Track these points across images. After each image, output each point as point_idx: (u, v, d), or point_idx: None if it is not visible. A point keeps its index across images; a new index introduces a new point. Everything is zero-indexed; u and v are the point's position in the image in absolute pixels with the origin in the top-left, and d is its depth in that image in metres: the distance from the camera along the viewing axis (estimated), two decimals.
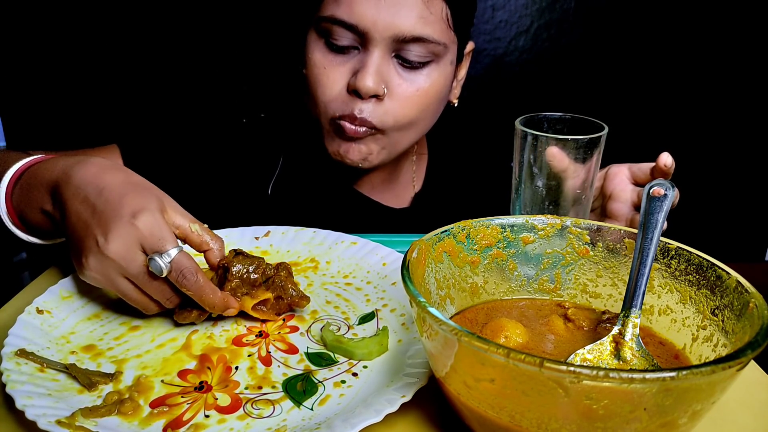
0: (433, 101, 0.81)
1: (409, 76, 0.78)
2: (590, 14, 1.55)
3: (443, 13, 0.76)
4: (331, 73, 0.78)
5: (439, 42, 0.77)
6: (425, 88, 0.79)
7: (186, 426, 0.46)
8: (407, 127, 0.81)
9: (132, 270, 0.54)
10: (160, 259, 0.53)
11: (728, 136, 1.68)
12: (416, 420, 0.48)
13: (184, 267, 0.54)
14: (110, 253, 0.53)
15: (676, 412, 0.36)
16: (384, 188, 0.95)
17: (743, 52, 1.60)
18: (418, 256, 0.48)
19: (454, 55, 0.82)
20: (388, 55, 0.76)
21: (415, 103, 0.79)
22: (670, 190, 0.49)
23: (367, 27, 0.74)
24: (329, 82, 0.78)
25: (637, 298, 0.47)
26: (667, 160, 0.66)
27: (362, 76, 0.75)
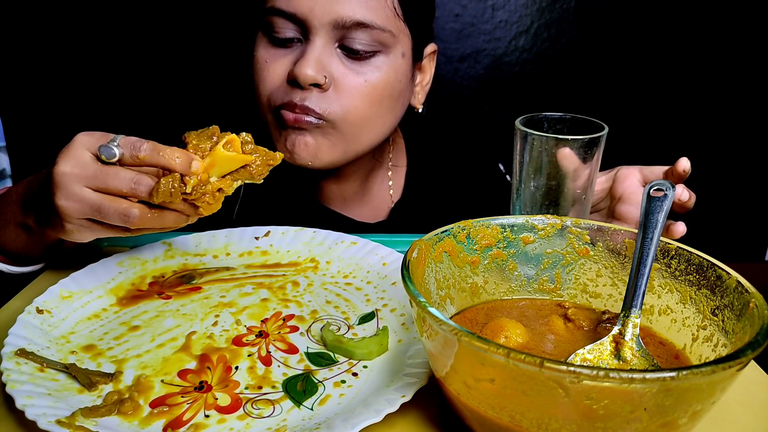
0: (384, 95, 0.77)
1: (355, 66, 0.75)
2: (590, 14, 1.55)
3: (388, 0, 0.74)
4: (272, 65, 0.76)
5: (384, 29, 0.74)
6: (374, 80, 0.76)
7: (186, 426, 0.46)
8: (360, 123, 0.77)
9: (88, 171, 0.53)
10: (109, 144, 0.53)
11: (728, 136, 1.68)
12: (416, 420, 0.48)
13: (132, 140, 0.54)
14: (61, 171, 0.54)
15: (677, 412, 0.36)
16: (357, 202, 0.92)
17: (743, 52, 1.60)
18: (418, 256, 0.48)
19: (407, 48, 0.79)
20: (330, 45, 0.74)
21: (365, 96, 0.76)
22: (670, 190, 0.49)
23: (305, 14, 0.72)
24: (269, 75, 0.76)
25: (637, 298, 0.47)
26: (686, 165, 0.66)
27: (301, 64, 0.72)
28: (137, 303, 0.63)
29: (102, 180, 0.54)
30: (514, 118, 0.64)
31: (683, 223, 0.66)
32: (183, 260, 0.72)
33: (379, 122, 0.80)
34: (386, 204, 0.94)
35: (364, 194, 0.92)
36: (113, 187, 0.54)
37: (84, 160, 0.54)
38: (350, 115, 0.76)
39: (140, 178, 0.54)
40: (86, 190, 0.54)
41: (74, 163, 0.54)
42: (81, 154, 0.54)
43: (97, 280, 0.65)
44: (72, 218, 0.55)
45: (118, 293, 0.65)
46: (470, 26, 1.55)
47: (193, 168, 0.55)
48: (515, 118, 0.64)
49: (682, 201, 0.65)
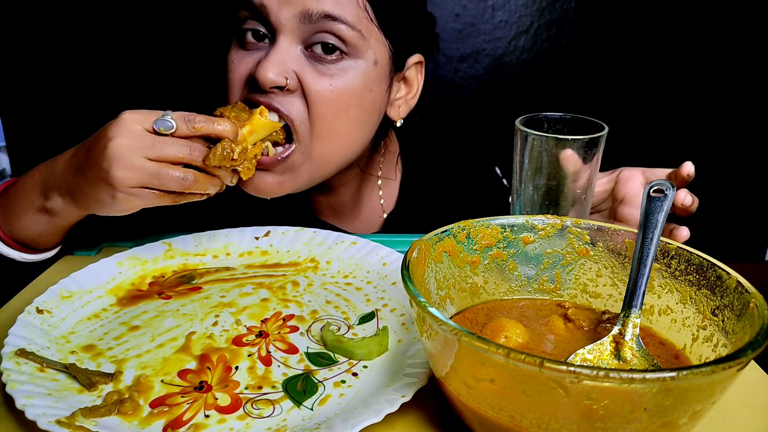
0: (352, 103, 0.72)
1: (321, 68, 0.70)
2: (590, 14, 1.55)
3: (360, 1, 0.70)
4: (237, 66, 0.73)
5: (353, 26, 0.69)
6: (340, 85, 0.71)
7: (186, 426, 0.46)
8: (326, 136, 0.72)
9: (145, 141, 0.58)
10: (164, 117, 0.59)
11: (728, 136, 1.68)
12: (416, 420, 0.48)
13: (184, 114, 0.60)
14: (119, 143, 0.58)
15: (677, 412, 0.36)
16: (349, 213, 0.90)
17: (743, 52, 1.60)
18: (418, 256, 0.48)
19: (381, 56, 0.74)
20: (296, 46, 0.70)
21: (331, 101, 0.71)
22: (670, 191, 0.49)
23: (271, 5, 0.69)
24: (234, 77, 0.73)
25: (637, 298, 0.47)
26: (691, 169, 0.65)
27: (262, 65, 0.68)
28: (137, 303, 0.63)
29: (160, 149, 0.58)
30: (514, 118, 0.64)
31: (686, 228, 0.66)
32: (183, 260, 0.72)
33: (347, 138, 0.75)
34: (378, 215, 0.92)
35: (356, 206, 0.90)
36: (172, 155, 0.59)
37: (138, 133, 0.59)
38: (316, 127, 0.71)
39: (194, 146, 0.60)
40: (143, 159, 0.58)
41: (129, 135, 0.58)
42: (134, 127, 0.59)
43: (97, 280, 0.65)
44: (126, 187, 0.59)
45: (118, 293, 0.65)
46: (470, 26, 1.55)
47: (240, 135, 0.62)
48: (515, 118, 0.64)
49: (685, 205, 0.65)
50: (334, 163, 0.76)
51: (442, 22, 1.54)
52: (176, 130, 0.59)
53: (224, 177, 0.63)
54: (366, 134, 0.78)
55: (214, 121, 0.61)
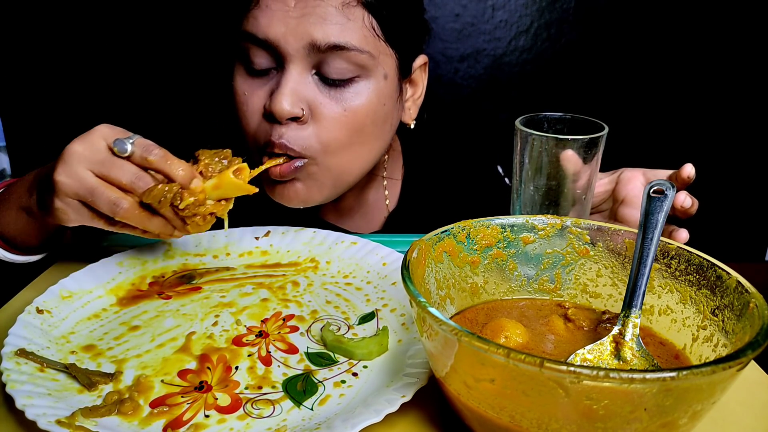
0: (367, 122, 0.73)
1: (333, 94, 0.70)
2: (590, 14, 1.55)
3: (365, 20, 0.69)
4: (250, 99, 0.72)
5: (362, 50, 0.69)
6: (354, 106, 0.71)
7: (186, 426, 0.46)
8: (344, 155, 0.73)
9: (97, 156, 0.57)
10: (124, 140, 0.57)
11: (728, 136, 1.68)
12: (416, 420, 0.48)
13: (147, 143, 0.58)
14: (72, 150, 0.57)
15: (677, 413, 0.36)
16: (352, 213, 0.90)
17: (743, 52, 1.60)
18: (418, 256, 0.48)
19: (390, 68, 0.74)
20: (307, 73, 0.70)
21: (345, 125, 0.71)
22: (670, 191, 0.49)
23: (278, 40, 0.68)
24: (248, 110, 0.73)
25: (637, 298, 0.47)
26: (691, 171, 0.65)
27: (276, 98, 0.68)
28: (137, 303, 0.63)
29: (107, 167, 0.57)
30: (514, 118, 0.64)
31: (686, 230, 0.65)
32: (183, 260, 0.72)
33: (363, 150, 0.75)
34: (381, 213, 0.93)
35: (360, 206, 0.91)
36: (115, 177, 0.57)
37: (97, 146, 0.58)
38: (331, 148, 0.72)
39: (142, 175, 0.57)
40: (87, 172, 0.57)
41: (87, 146, 0.57)
42: (96, 140, 0.58)
43: (97, 280, 0.65)
44: (64, 196, 0.58)
45: (118, 293, 0.65)
46: (470, 26, 1.55)
47: (193, 185, 0.58)
48: (515, 118, 0.64)
49: (685, 207, 0.65)
50: (354, 174, 0.77)
51: (442, 22, 1.54)
52: (131, 156, 0.57)
53: (174, 222, 0.60)
54: (383, 144, 0.79)
55: (169, 160, 0.57)
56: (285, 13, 0.68)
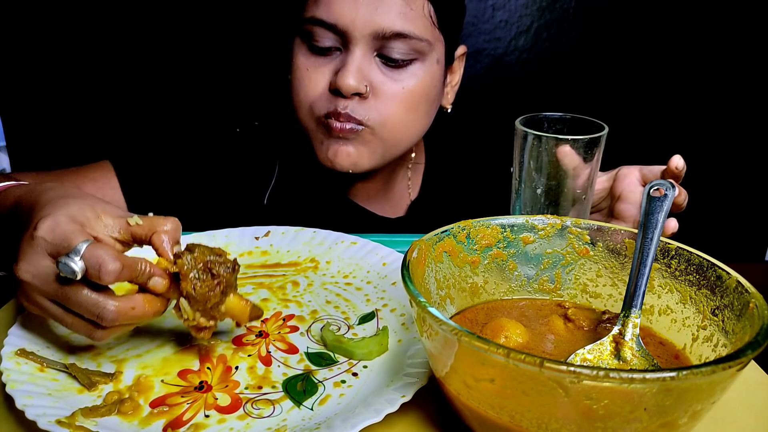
0: (421, 101, 0.80)
1: (393, 74, 0.78)
2: (590, 14, 1.55)
3: (425, 9, 0.76)
4: (313, 74, 0.79)
5: (421, 38, 0.76)
6: (411, 86, 0.78)
7: (186, 426, 0.46)
8: (398, 129, 0.80)
9: (48, 287, 0.46)
10: (68, 258, 0.44)
11: (728, 136, 1.68)
12: (416, 420, 0.48)
13: (98, 256, 0.44)
14: (23, 276, 0.47)
15: (677, 412, 0.36)
16: (379, 198, 0.94)
17: (743, 52, 1.60)
18: (418, 256, 0.48)
19: (441, 54, 0.81)
20: (370, 54, 0.76)
21: (402, 102, 0.78)
22: (670, 190, 0.49)
23: (346, 25, 0.74)
24: (312, 84, 0.79)
25: (637, 298, 0.47)
26: (679, 162, 0.66)
27: (343, 75, 0.75)
28: None
29: (63, 299, 0.47)
30: (514, 118, 0.64)
31: (675, 219, 0.67)
32: None
33: (415, 126, 0.83)
34: (405, 201, 0.97)
35: (387, 191, 0.95)
36: (74, 308, 0.47)
37: (44, 271, 0.46)
38: (389, 122, 0.78)
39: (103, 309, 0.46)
40: (46, 302, 0.48)
41: (34, 272, 0.47)
42: (41, 261, 0.47)
43: None
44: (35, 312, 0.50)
45: (118, 293, 0.64)
46: (470, 26, 1.55)
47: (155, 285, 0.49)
48: (515, 118, 0.64)
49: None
50: (403, 147, 0.84)
51: None
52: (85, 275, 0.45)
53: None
54: (429, 121, 0.86)
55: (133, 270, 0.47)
56: (355, 1, 0.74)
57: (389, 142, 0.81)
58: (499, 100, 1.61)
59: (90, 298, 0.46)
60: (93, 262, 0.44)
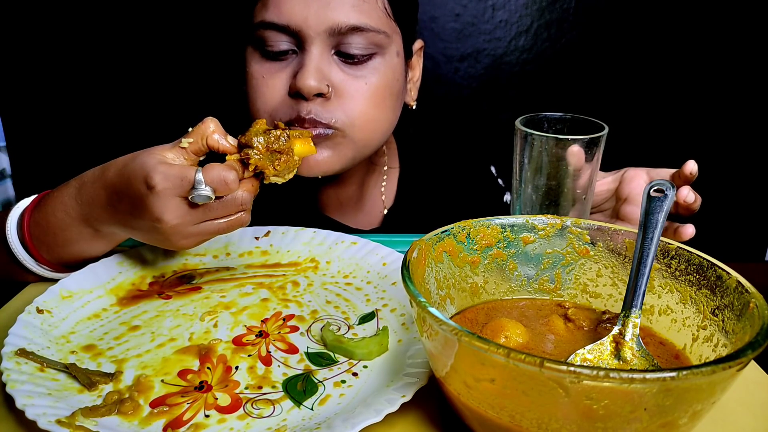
0: (386, 95, 0.77)
1: (354, 71, 0.75)
2: (590, 14, 1.55)
3: (379, 1, 0.74)
4: (269, 80, 0.75)
5: (378, 30, 0.74)
6: (374, 82, 0.75)
7: (186, 426, 0.46)
8: (368, 127, 0.77)
9: (194, 216, 0.57)
10: (197, 190, 0.55)
11: (728, 136, 1.68)
12: (416, 420, 0.48)
13: (216, 175, 0.56)
14: (172, 222, 0.56)
15: (677, 412, 0.36)
16: (353, 207, 0.92)
17: (743, 52, 1.60)
18: (419, 256, 0.48)
19: (399, 46, 0.79)
20: (327, 53, 0.73)
21: (367, 99, 0.75)
22: (670, 190, 0.49)
23: (299, 25, 0.71)
24: (269, 90, 0.75)
25: (637, 298, 0.47)
26: (693, 168, 0.65)
27: (302, 75, 0.71)
28: (137, 303, 0.63)
29: (212, 215, 0.59)
30: (514, 118, 0.64)
31: (692, 225, 0.66)
32: (183, 260, 0.72)
33: (384, 123, 0.80)
34: (379, 210, 0.94)
35: (360, 199, 0.92)
36: (222, 214, 0.59)
37: (182, 208, 0.57)
38: (357, 120, 0.75)
39: (243, 198, 0.59)
40: (199, 227, 0.59)
41: (177, 213, 0.57)
42: (175, 204, 0.56)
43: (97, 280, 0.65)
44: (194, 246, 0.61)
45: (118, 293, 0.65)
46: (470, 26, 1.55)
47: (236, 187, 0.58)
48: (515, 118, 0.64)
49: (688, 203, 0.65)
50: (374, 145, 0.81)
51: (442, 22, 1.54)
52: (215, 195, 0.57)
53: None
54: (395, 117, 0.83)
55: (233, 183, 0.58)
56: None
57: (360, 142, 0.77)
58: (499, 100, 1.61)
59: (228, 199, 0.58)
60: (216, 180, 0.56)
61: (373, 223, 0.94)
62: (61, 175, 0.71)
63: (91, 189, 0.62)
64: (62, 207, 0.63)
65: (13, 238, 0.65)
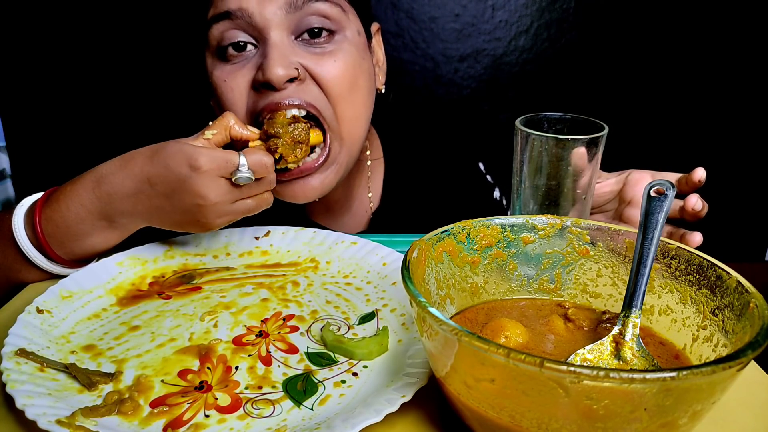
0: (359, 75, 0.75)
1: (319, 52, 0.72)
2: (590, 14, 1.55)
3: None
4: (231, 82, 0.72)
5: (334, 2, 0.72)
6: (342, 59, 0.73)
7: (186, 426, 0.46)
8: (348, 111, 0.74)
9: (233, 195, 0.63)
10: (241, 171, 0.62)
11: (728, 136, 1.68)
12: (416, 420, 0.48)
13: (256, 158, 0.63)
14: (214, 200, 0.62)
15: (677, 412, 0.36)
16: (339, 210, 0.91)
17: (743, 52, 1.60)
18: (419, 256, 0.48)
19: (359, 26, 0.77)
20: (288, 38, 0.71)
21: (342, 78, 0.73)
22: (670, 191, 0.49)
23: (253, 10, 0.68)
24: (235, 92, 0.72)
25: (637, 298, 0.47)
26: (702, 175, 0.66)
27: (268, 66, 0.68)
28: (137, 303, 0.63)
29: (247, 193, 0.64)
30: (514, 118, 0.64)
31: (699, 234, 0.66)
32: (183, 260, 0.72)
33: (363, 107, 0.77)
34: (366, 211, 0.93)
35: (346, 200, 0.91)
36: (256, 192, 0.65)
37: (225, 188, 0.62)
38: (338, 105, 0.73)
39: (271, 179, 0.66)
40: (234, 206, 0.64)
41: (219, 191, 0.62)
42: (219, 184, 0.62)
43: (97, 280, 0.65)
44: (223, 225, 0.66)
45: (118, 293, 0.65)
46: (470, 26, 1.55)
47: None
48: (515, 118, 0.64)
49: (696, 210, 0.65)
50: (360, 140, 0.79)
51: (442, 22, 1.54)
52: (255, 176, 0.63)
53: None
54: (372, 102, 0.81)
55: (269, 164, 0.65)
56: None
57: (350, 139, 0.76)
58: (499, 100, 1.61)
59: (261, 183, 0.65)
60: (258, 164, 0.63)
61: (359, 226, 0.93)
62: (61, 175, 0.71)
63: (114, 180, 0.63)
64: (78, 200, 0.65)
65: (21, 236, 0.65)
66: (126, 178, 0.63)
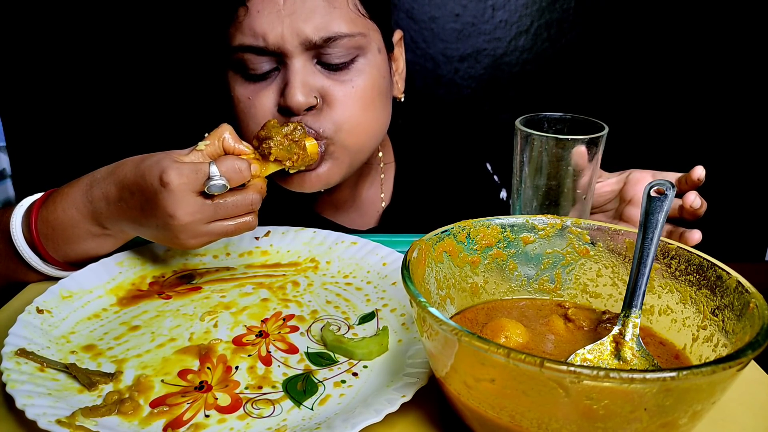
0: (375, 95, 0.76)
1: (339, 76, 0.73)
2: (590, 14, 1.55)
3: (350, 4, 0.72)
4: (256, 101, 0.74)
5: (353, 34, 0.72)
6: (361, 84, 0.74)
7: (186, 426, 0.46)
8: (359, 131, 0.76)
9: (206, 212, 0.59)
10: (213, 180, 0.58)
11: (728, 136, 1.68)
12: (416, 420, 0.48)
13: (230, 165, 0.59)
14: (184, 220, 0.58)
15: (677, 412, 0.36)
16: (348, 207, 0.91)
17: (743, 52, 1.60)
18: (419, 256, 0.48)
19: (380, 42, 0.77)
20: (310, 63, 0.72)
21: (356, 102, 0.74)
22: (670, 190, 0.49)
23: (277, 43, 0.70)
24: (257, 111, 0.74)
25: (637, 298, 0.47)
26: (701, 174, 0.66)
27: (290, 93, 0.70)
28: (137, 303, 0.63)
29: (221, 215, 0.61)
30: (514, 118, 0.64)
31: (698, 231, 0.66)
32: (183, 260, 0.72)
33: (376, 124, 0.78)
34: (376, 209, 0.93)
35: (356, 199, 0.91)
36: (232, 213, 0.61)
37: (197, 204, 0.59)
38: (346, 125, 0.74)
39: (253, 199, 0.62)
40: (209, 226, 0.61)
41: (190, 210, 0.58)
42: (189, 199, 0.58)
43: (97, 280, 0.65)
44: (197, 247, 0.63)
45: (118, 293, 0.65)
46: (470, 26, 1.55)
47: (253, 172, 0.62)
48: (515, 118, 0.64)
49: (694, 208, 0.65)
50: (369, 148, 0.80)
51: (442, 22, 1.54)
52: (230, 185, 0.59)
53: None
54: (388, 115, 0.82)
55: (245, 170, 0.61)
56: (277, 14, 0.69)
57: (354, 147, 0.76)
58: (499, 100, 1.62)
59: (239, 198, 0.61)
60: (230, 170, 0.59)
61: (369, 223, 0.93)
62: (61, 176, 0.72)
63: (103, 185, 0.63)
64: (72, 203, 0.64)
65: (18, 237, 0.65)
66: (112, 184, 0.62)
